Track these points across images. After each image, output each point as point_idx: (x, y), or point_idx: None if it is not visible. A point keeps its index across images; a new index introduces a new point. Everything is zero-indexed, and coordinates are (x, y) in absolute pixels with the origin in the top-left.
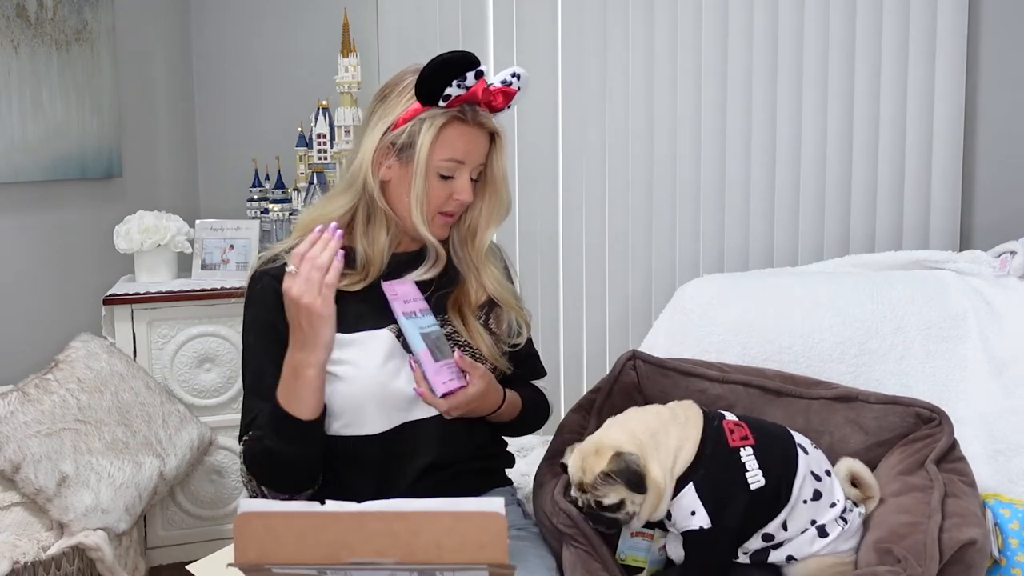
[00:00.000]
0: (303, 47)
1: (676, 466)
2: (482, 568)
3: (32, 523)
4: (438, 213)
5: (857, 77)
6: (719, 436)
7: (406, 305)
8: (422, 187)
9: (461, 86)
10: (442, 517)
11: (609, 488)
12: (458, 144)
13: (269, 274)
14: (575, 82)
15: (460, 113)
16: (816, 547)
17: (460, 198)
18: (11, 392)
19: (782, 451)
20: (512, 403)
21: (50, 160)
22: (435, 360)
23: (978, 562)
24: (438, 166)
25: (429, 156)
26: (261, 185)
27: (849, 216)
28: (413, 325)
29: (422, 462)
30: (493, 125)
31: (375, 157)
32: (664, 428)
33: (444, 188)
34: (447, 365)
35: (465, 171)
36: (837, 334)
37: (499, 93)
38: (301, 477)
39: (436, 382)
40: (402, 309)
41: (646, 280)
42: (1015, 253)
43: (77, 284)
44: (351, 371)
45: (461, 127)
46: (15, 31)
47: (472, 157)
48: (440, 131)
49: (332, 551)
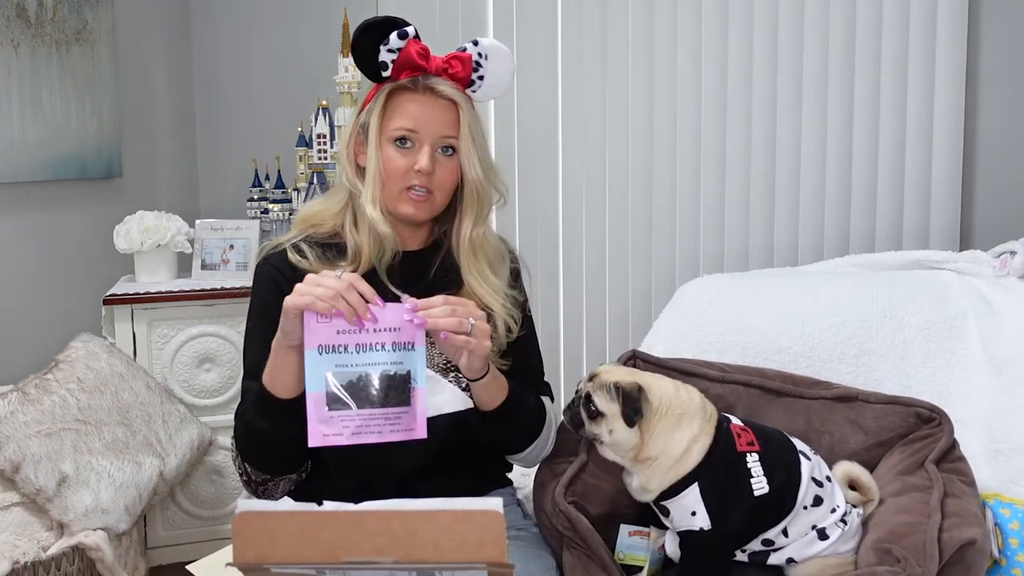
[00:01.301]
0: (303, 47)
1: (685, 458)
2: (481, 567)
3: (32, 523)
4: (404, 189)
5: (857, 77)
6: (728, 439)
7: (325, 336)
8: (376, 160)
9: (392, 50)
10: (441, 516)
11: (606, 398)
12: (406, 111)
13: (270, 261)
14: (575, 81)
15: (410, 83)
16: (816, 549)
17: (419, 167)
18: (11, 392)
19: (786, 459)
20: (499, 378)
21: (50, 160)
22: (328, 408)
23: (978, 562)
24: (391, 135)
25: (380, 127)
26: (261, 185)
27: (849, 216)
28: (325, 362)
29: (411, 463)
30: (451, 93)
31: (351, 146)
32: (691, 416)
33: (403, 160)
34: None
35: (424, 142)
36: (837, 334)
37: (453, 59)
38: (278, 457)
39: (315, 430)
40: (317, 341)
41: (646, 280)
42: (1015, 253)
43: (77, 284)
44: None
45: (410, 95)
46: (15, 31)
47: (427, 127)
48: (388, 101)
49: (330, 551)
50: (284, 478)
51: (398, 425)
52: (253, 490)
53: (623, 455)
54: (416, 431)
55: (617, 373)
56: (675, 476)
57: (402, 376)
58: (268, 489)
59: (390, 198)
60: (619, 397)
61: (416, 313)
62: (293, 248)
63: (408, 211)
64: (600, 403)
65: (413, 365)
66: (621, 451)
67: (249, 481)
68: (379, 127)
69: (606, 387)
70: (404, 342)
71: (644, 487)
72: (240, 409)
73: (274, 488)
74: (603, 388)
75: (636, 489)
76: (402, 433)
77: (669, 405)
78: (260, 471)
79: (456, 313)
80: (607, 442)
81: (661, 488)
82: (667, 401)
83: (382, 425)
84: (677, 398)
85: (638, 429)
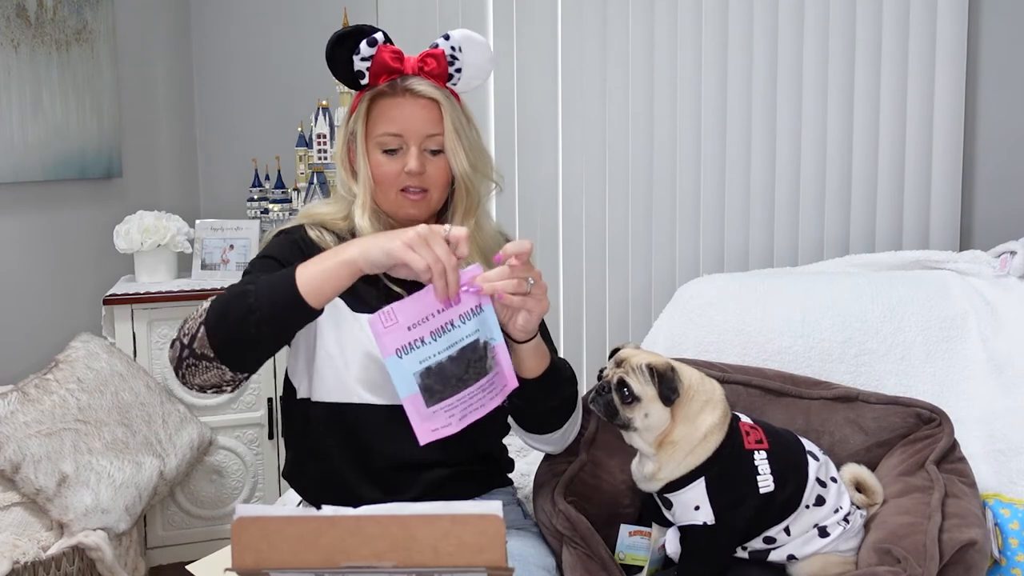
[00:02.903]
0: (303, 47)
1: (701, 448)
2: (481, 571)
3: (32, 523)
4: (399, 191)
5: (857, 77)
6: (737, 436)
7: (398, 337)
8: (365, 168)
9: (365, 59)
10: (440, 520)
11: (641, 381)
12: (389, 117)
13: (288, 231)
14: (575, 81)
15: (389, 87)
16: (816, 546)
17: (408, 169)
18: (11, 392)
19: (794, 459)
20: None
21: (50, 160)
22: (427, 405)
23: (978, 563)
24: (378, 142)
25: (365, 134)
26: (261, 185)
27: (849, 216)
28: (408, 363)
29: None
30: (430, 92)
31: (345, 156)
32: (714, 405)
33: (393, 164)
34: (444, 408)
35: (411, 143)
36: (837, 334)
37: (426, 57)
38: (248, 354)
39: (423, 429)
40: (393, 346)
41: (646, 280)
42: (1015, 253)
43: (77, 284)
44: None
45: (390, 100)
46: (15, 31)
47: (411, 128)
48: (369, 108)
49: (329, 555)
50: (222, 368)
51: (493, 389)
52: (178, 356)
53: (650, 441)
54: (508, 384)
55: (645, 355)
56: (687, 467)
57: (481, 344)
58: (197, 369)
59: (389, 203)
60: (654, 379)
61: (471, 286)
62: (310, 226)
63: (410, 212)
64: (636, 387)
65: (486, 326)
66: (650, 436)
67: (185, 348)
68: (364, 134)
69: (639, 369)
70: (472, 309)
71: (654, 475)
72: (245, 286)
73: (205, 369)
74: (636, 371)
75: (644, 477)
76: (500, 395)
77: (696, 390)
78: (216, 352)
79: (515, 273)
80: (640, 427)
81: (670, 478)
82: (695, 385)
83: (482, 397)
84: (703, 385)
85: (669, 410)
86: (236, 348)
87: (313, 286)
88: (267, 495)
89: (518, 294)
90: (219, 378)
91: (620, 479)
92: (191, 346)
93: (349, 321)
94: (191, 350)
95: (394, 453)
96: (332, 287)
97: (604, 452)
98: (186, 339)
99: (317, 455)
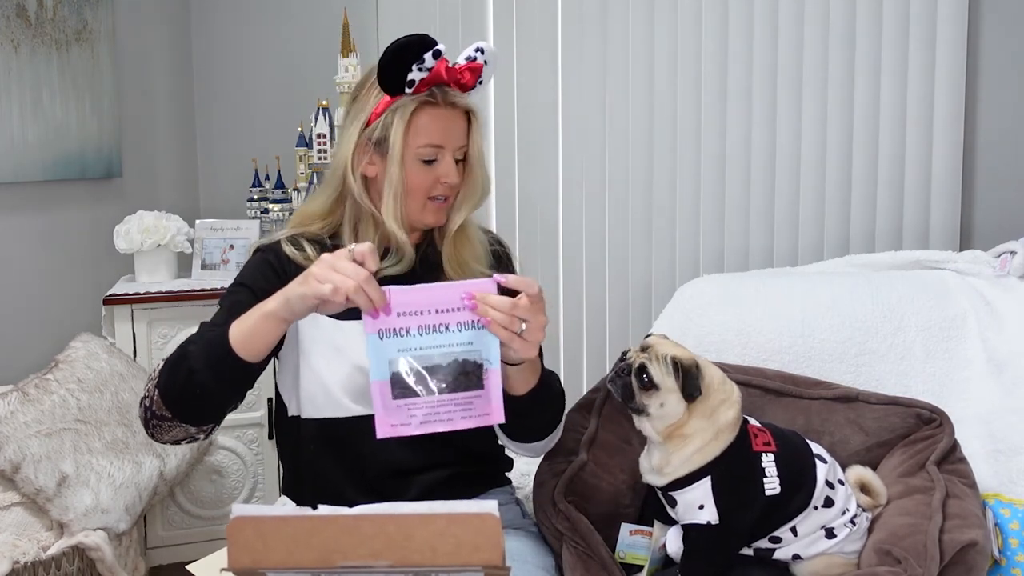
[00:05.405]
0: (303, 47)
1: (711, 446)
2: (477, 570)
3: (32, 523)
4: (428, 199)
5: (857, 77)
6: (745, 437)
7: (385, 319)
8: (398, 177)
9: (422, 69)
10: (436, 519)
11: (663, 371)
12: (433, 128)
13: (262, 249)
14: (575, 81)
15: (430, 97)
16: (823, 547)
17: (447, 181)
18: (11, 392)
19: (801, 462)
20: (535, 363)
21: (50, 160)
22: (392, 396)
23: (979, 563)
24: (417, 153)
25: (404, 145)
26: (261, 185)
27: (849, 216)
28: (387, 347)
29: (410, 461)
30: (467, 104)
31: (354, 156)
32: (729, 406)
33: (428, 174)
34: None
35: (447, 154)
36: (837, 334)
37: (465, 71)
38: (204, 410)
39: (383, 421)
40: (378, 326)
41: (646, 280)
42: (1015, 253)
43: (77, 284)
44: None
45: (433, 110)
46: (15, 31)
47: (450, 139)
48: (412, 118)
49: (325, 555)
50: (184, 426)
51: (470, 411)
52: (144, 418)
53: (660, 430)
54: (492, 416)
55: (671, 347)
56: (694, 464)
57: (473, 358)
58: (162, 428)
59: (412, 211)
60: (677, 372)
61: (472, 299)
62: (288, 241)
63: (432, 220)
64: (656, 375)
65: (484, 344)
66: (661, 425)
67: (148, 411)
68: (403, 144)
69: (663, 359)
70: (470, 320)
71: (661, 468)
72: (187, 347)
73: (169, 428)
74: (660, 360)
75: (651, 469)
76: (476, 419)
77: (716, 389)
78: (173, 413)
79: (516, 310)
80: (653, 414)
81: (677, 475)
82: (716, 384)
83: (452, 411)
84: (724, 385)
85: (685, 404)
86: (190, 407)
87: (245, 342)
88: (267, 495)
89: (507, 329)
90: (185, 432)
91: (620, 479)
92: (152, 408)
93: (330, 331)
94: (152, 412)
95: (388, 460)
96: (263, 341)
97: (604, 452)
98: (147, 402)
99: (312, 471)
